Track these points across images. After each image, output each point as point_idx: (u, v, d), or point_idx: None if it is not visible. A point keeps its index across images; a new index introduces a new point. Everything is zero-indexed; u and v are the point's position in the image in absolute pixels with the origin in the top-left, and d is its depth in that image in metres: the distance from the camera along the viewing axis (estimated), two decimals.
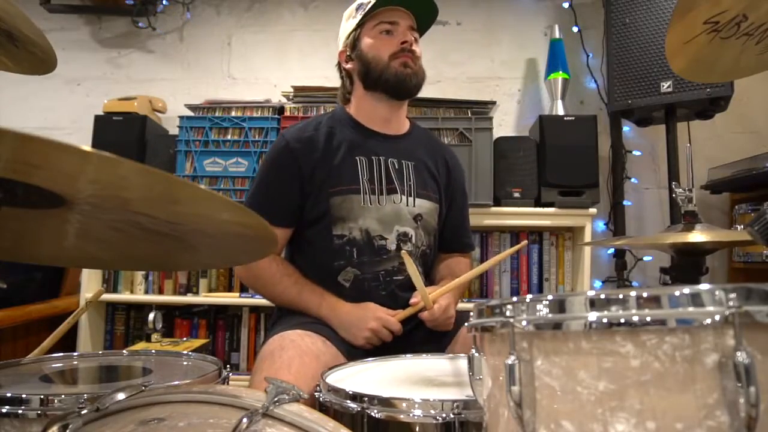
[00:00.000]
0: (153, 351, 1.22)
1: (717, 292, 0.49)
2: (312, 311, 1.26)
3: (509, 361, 0.55)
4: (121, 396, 0.67)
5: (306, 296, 1.28)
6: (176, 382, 0.86)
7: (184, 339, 1.74)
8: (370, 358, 1.10)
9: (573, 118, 2.13)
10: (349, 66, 1.39)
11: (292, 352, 1.08)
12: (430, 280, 1.44)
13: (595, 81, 2.44)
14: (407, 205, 1.34)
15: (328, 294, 1.28)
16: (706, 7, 0.87)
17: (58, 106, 2.66)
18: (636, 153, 2.38)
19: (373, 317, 1.21)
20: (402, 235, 1.32)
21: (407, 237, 1.33)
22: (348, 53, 1.38)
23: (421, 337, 1.29)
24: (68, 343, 2.06)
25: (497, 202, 2.10)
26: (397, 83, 1.31)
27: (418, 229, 1.36)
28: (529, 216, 2.10)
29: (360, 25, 1.34)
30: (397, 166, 1.35)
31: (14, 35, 0.93)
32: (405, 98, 1.38)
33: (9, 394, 0.79)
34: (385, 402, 0.79)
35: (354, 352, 1.21)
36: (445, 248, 1.48)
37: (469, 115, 2.14)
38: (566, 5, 2.48)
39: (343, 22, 1.42)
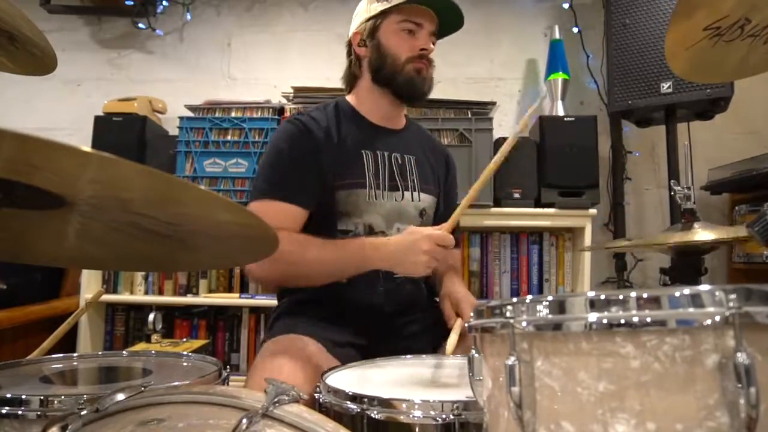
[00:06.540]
0: (153, 352, 1.21)
1: (717, 293, 0.49)
2: (355, 260, 1.16)
3: (509, 362, 0.55)
4: (120, 397, 0.67)
5: (342, 247, 1.17)
6: (176, 383, 0.86)
7: (184, 340, 1.73)
8: (366, 361, 1.09)
9: (573, 118, 2.13)
10: (361, 51, 1.35)
11: (284, 358, 1.08)
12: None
13: (595, 82, 2.45)
14: (412, 200, 1.34)
15: (364, 238, 1.21)
16: (705, 14, 0.87)
17: (58, 106, 2.66)
18: (636, 153, 2.38)
19: (423, 238, 1.11)
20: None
21: None
22: (363, 37, 1.33)
23: (416, 329, 1.29)
24: (68, 343, 2.06)
25: (497, 203, 2.10)
26: (408, 88, 1.30)
27: (422, 224, 1.35)
28: (529, 217, 2.10)
29: (384, 13, 1.30)
30: (400, 161, 1.35)
31: (14, 36, 0.93)
32: (412, 103, 1.38)
33: (9, 395, 0.79)
34: (385, 403, 0.79)
35: (345, 353, 1.18)
36: None
37: (469, 115, 2.14)
38: (566, 6, 2.48)
39: (365, 1, 1.36)
